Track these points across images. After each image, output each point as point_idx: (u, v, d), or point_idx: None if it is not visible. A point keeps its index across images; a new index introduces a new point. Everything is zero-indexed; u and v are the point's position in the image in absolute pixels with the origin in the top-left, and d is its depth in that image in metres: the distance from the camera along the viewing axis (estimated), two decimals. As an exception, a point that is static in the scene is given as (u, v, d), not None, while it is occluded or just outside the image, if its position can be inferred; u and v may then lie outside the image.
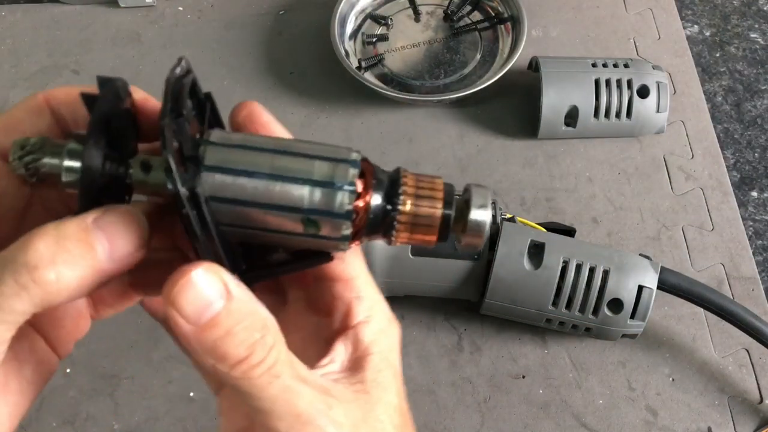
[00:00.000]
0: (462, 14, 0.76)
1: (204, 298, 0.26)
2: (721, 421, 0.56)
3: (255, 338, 0.26)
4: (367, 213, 0.30)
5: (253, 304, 0.27)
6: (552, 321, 0.55)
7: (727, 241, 0.63)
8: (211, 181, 0.29)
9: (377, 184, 0.30)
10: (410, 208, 0.30)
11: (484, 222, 0.30)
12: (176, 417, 0.56)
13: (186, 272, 0.26)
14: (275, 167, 0.29)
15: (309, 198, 0.29)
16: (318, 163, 0.30)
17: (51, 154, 0.29)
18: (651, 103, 0.65)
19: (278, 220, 0.29)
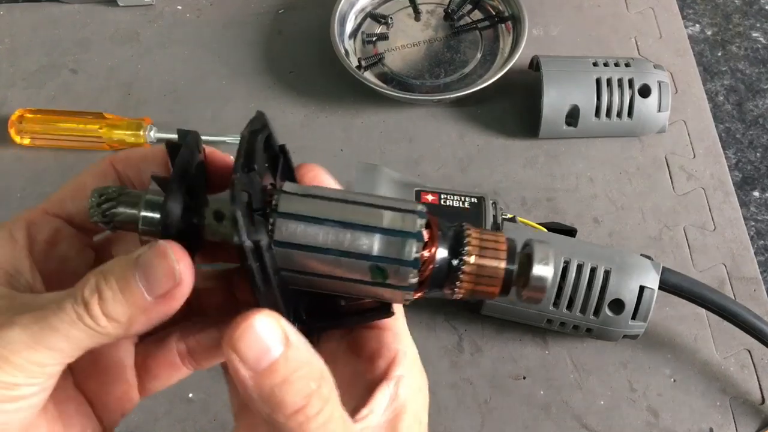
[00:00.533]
0: (462, 13, 0.76)
1: (264, 344, 0.26)
2: (722, 422, 0.55)
3: (311, 388, 0.27)
4: (433, 263, 0.31)
5: (311, 354, 0.28)
6: (553, 322, 0.55)
7: (728, 242, 0.63)
8: (285, 228, 0.30)
9: (442, 236, 0.31)
10: (475, 261, 0.31)
11: (546, 278, 0.31)
12: (175, 418, 0.56)
13: (247, 318, 0.27)
14: (345, 216, 0.30)
15: (378, 246, 0.30)
16: (387, 213, 0.31)
17: (128, 204, 0.30)
18: (652, 102, 0.65)
19: (347, 268, 0.30)
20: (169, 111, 0.71)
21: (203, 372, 0.60)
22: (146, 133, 0.67)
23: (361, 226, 0.30)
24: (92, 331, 0.27)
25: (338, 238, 0.30)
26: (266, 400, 0.27)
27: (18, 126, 0.67)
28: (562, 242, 0.55)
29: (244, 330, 0.26)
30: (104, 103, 0.71)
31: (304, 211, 0.30)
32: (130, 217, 0.30)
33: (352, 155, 0.68)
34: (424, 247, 0.30)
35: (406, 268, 0.30)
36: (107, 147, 0.68)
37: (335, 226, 0.30)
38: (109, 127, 0.67)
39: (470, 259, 0.31)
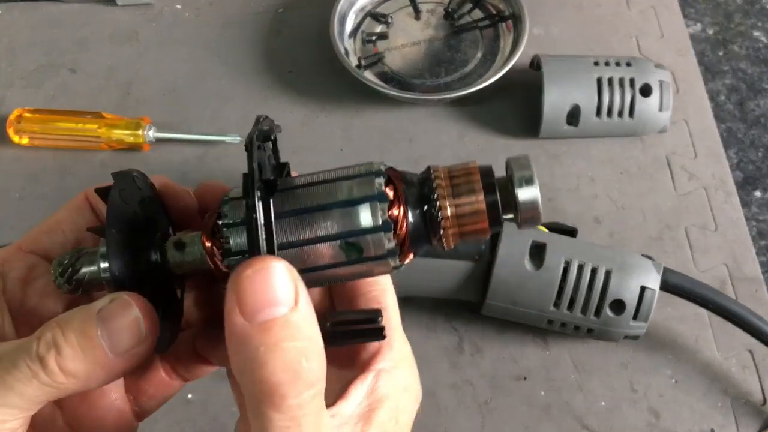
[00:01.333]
0: (463, 12, 0.75)
1: (271, 295, 0.23)
2: (724, 422, 0.55)
3: (302, 367, 0.24)
4: (406, 220, 0.28)
5: (315, 330, 0.25)
6: (554, 322, 0.54)
7: (730, 242, 0.63)
8: (239, 236, 0.27)
9: (409, 189, 0.28)
10: (451, 203, 0.28)
11: (535, 198, 0.28)
12: (174, 419, 0.55)
13: (265, 260, 0.24)
14: (298, 204, 0.28)
15: (340, 222, 0.27)
16: (341, 185, 0.28)
17: (88, 263, 0.29)
18: (653, 102, 0.65)
19: (318, 255, 0.28)
20: (168, 111, 0.71)
21: (202, 373, 0.60)
22: (145, 132, 0.67)
23: (316, 208, 0.28)
24: (48, 387, 0.25)
25: (297, 229, 0.27)
26: (247, 359, 0.24)
27: (16, 126, 0.67)
28: (563, 242, 0.55)
29: (259, 271, 0.23)
30: (103, 103, 0.71)
31: None
32: (94, 275, 0.29)
33: (352, 155, 0.68)
34: (391, 206, 0.28)
35: (377, 234, 0.27)
36: (106, 147, 0.68)
37: (291, 217, 0.28)
38: (107, 127, 0.66)
39: (445, 203, 0.28)
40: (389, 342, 0.30)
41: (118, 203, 0.28)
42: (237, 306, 0.23)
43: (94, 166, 0.68)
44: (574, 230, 0.59)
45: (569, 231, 0.58)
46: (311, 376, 0.24)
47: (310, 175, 0.30)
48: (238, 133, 0.68)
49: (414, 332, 0.59)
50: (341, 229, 0.27)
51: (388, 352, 0.30)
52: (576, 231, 0.59)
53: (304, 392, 0.24)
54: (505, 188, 0.29)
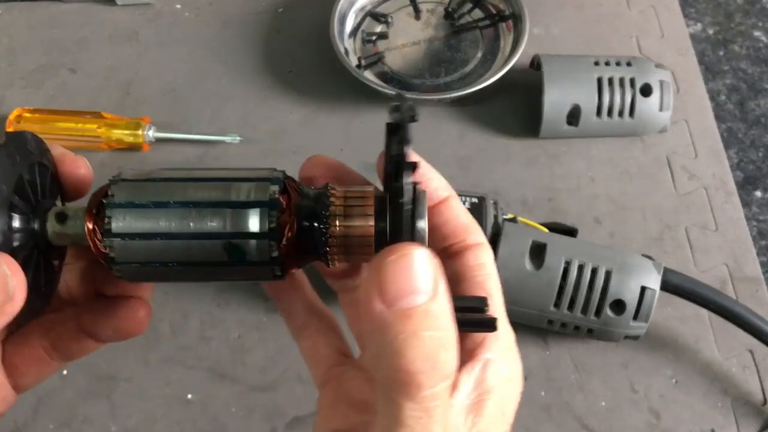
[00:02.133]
0: (463, 12, 0.75)
1: (413, 282, 0.23)
2: (724, 423, 0.55)
3: (439, 357, 0.23)
4: (292, 231, 0.28)
5: (451, 320, 0.24)
6: (554, 322, 0.54)
7: (730, 242, 0.63)
8: (122, 217, 0.28)
9: (302, 201, 0.28)
10: (340, 226, 0.28)
11: (423, 230, 0.27)
12: (174, 419, 0.55)
13: (406, 246, 0.23)
14: (190, 196, 0.28)
15: (229, 222, 0.27)
16: (237, 185, 0.28)
17: None
18: (654, 101, 0.65)
19: (200, 251, 0.28)
20: (168, 110, 0.71)
21: (202, 373, 0.60)
22: (145, 132, 0.67)
23: (207, 203, 0.27)
24: None
25: (182, 220, 0.27)
26: (385, 346, 0.23)
27: (16, 125, 0.67)
28: (563, 242, 0.54)
29: (401, 257, 0.23)
30: (103, 103, 0.71)
31: (140, 197, 0.28)
32: None
33: (352, 155, 0.67)
34: (281, 214, 0.27)
35: (261, 240, 0.27)
36: (106, 147, 0.67)
37: (178, 207, 0.27)
38: (107, 127, 0.66)
39: (335, 222, 0.28)
40: (496, 332, 0.29)
41: (4, 162, 0.28)
42: (377, 292, 0.23)
43: (94, 166, 0.67)
44: (574, 230, 0.59)
45: (569, 231, 0.58)
46: (448, 367, 0.24)
47: (214, 170, 0.30)
48: (238, 133, 0.68)
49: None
50: (229, 229, 0.27)
51: (494, 341, 0.29)
52: (576, 231, 0.59)
53: (440, 384, 0.24)
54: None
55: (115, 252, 0.28)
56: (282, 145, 0.69)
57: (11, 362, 0.32)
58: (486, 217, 0.54)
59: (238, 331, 0.59)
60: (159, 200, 0.28)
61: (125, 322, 0.33)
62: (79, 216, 0.29)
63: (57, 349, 0.33)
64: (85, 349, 0.34)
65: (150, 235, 0.28)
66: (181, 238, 0.28)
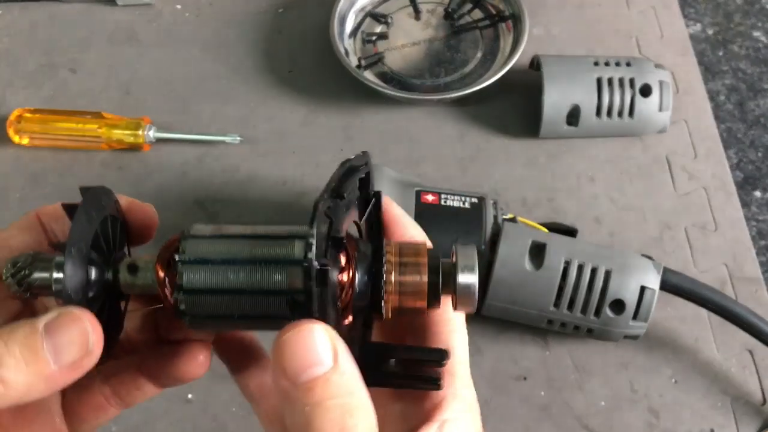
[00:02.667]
0: (463, 12, 0.75)
1: (310, 356, 0.25)
2: (724, 423, 0.55)
3: (346, 423, 0.24)
4: (352, 287, 0.29)
5: (357, 384, 0.25)
6: (553, 322, 0.54)
7: (730, 242, 0.63)
8: (193, 274, 0.29)
9: (360, 257, 0.30)
10: (395, 278, 0.30)
11: (473, 284, 0.29)
12: (174, 419, 0.55)
13: (301, 323, 0.25)
14: (255, 252, 0.29)
15: (291, 279, 0.28)
16: (299, 243, 0.29)
17: (41, 269, 0.29)
18: (653, 102, 0.65)
19: (265, 305, 0.29)
20: (168, 110, 0.71)
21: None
22: (145, 132, 0.67)
23: (273, 261, 0.29)
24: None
25: (250, 277, 0.29)
26: (294, 418, 0.25)
27: (16, 126, 0.67)
28: (563, 242, 0.55)
29: (295, 334, 0.25)
30: (103, 103, 0.71)
31: (210, 254, 0.29)
32: (45, 282, 0.29)
33: (352, 155, 0.68)
34: (341, 272, 0.29)
35: None
36: (106, 147, 0.68)
37: (246, 264, 0.29)
38: (108, 127, 0.67)
39: (391, 278, 0.30)
40: (454, 391, 0.30)
41: (83, 222, 0.29)
42: (280, 368, 0.25)
43: (94, 166, 0.68)
44: (574, 230, 0.59)
45: (569, 231, 0.58)
46: (358, 431, 0.25)
47: (277, 226, 0.31)
48: (238, 133, 0.68)
49: (414, 332, 0.59)
50: (293, 286, 0.29)
51: (452, 401, 0.30)
52: (576, 231, 0.59)
53: (340, 422, 0.25)
54: (447, 272, 0.30)
55: (186, 305, 0.29)
56: (282, 145, 0.69)
57: (72, 409, 0.32)
58: (486, 217, 0.54)
59: (239, 331, 0.59)
60: (228, 257, 0.29)
61: (187, 366, 0.33)
62: (149, 268, 0.30)
63: (117, 395, 0.33)
64: (144, 395, 0.34)
65: (219, 291, 0.29)
66: (249, 293, 0.29)
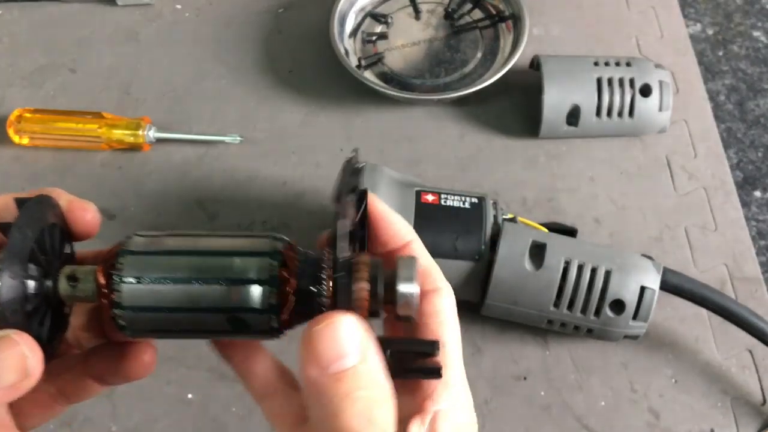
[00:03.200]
0: (463, 12, 0.76)
1: (341, 348, 0.26)
2: (724, 422, 0.55)
3: (373, 414, 0.25)
4: (293, 303, 0.30)
5: (383, 378, 0.26)
6: (553, 322, 0.54)
7: (730, 242, 0.63)
8: (131, 294, 0.29)
9: (301, 270, 0.30)
10: None
11: (412, 294, 0.30)
12: (174, 419, 0.55)
13: (333, 315, 0.26)
14: (193, 270, 0.29)
15: (231, 297, 0.29)
16: (239, 261, 0.30)
17: None
18: (653, 102, 0.65)
19: (204, 322, 0.30)
20: (168, 110, 0.71)
21: (202, 373, 0.60)
22: (145, 132, 0.67)
23: (212, 280, 0.29)
24: None
25: (189, 296, 0.29)
26: (322, 408, 0.26)
27: (17, 126, 0.67)
28: (563, 242, 0.55)
29: (327, 326, 0.26)
30: (103, 103, 0.71)
31: (147, 272, 0.30)
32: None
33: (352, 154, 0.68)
34: (282, 286, 0.29)
35: (265, 315, 0.29)
36: (106, 147, 0.68)
37: (184, 284, 0.29)
38: (108, 127, 0.67)
39: (330, 290, 0.30)
40: (446, 381, 0.30)
41: (16, 239, 0.28)
42: (310, 359, 0.26)
43: (94, 166, 0.68)
44: (574, 230, 0.59)
45: (569, 231, 0.58)
46: (383, 423, 0.26)
47: (217, 237, 0.31)
48: (238, 133, 0.68)
49: (414, 332, 0.59)
50: (231, 305, 0.29)
51: (444, 391, 0.30)
52: (576, 231, 0.59)
53: (367, 409, 0.25)
54: (388, 282, 0.30)
55: (125, 321, 0.30)
56: (282, 145, 0.69)
57: (17, 405, 0.32)
58: (485, 217, 0.54)
59: (239, 330, 0.59)
60: (165, 276, 0.30)
61: (132, 367, 0.34)
62: (89, 279, 0.30)
63: (63, 393, 0.34)
64: (90, 393, 0.34)
65: (157, 309, 0.30)
66: (187, 311, 0.30)
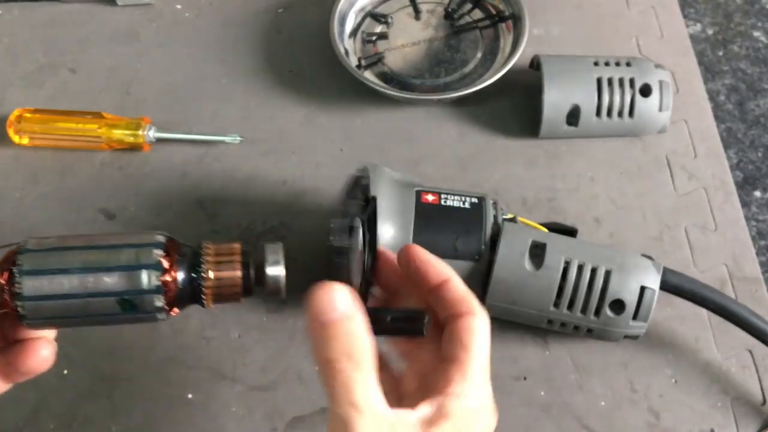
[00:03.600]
0: (463, 12, 0.76)
1: (331, 305, 0.34)
2: (724, 422, 0.55)
3: (352, 350, 0.33)
4: (176, 285, 0.36)
5: (362, 328, 0.34)
6: (553, 322, 0.55)
7: (730, 242, 0.63)
8: (32, 284, 0.35)
9: (182, 259, 0.36)
10: (213, 275, 0.37)
11: (279, 276, 0.37)
12: (174, 419, 0.55)
13: (329, 283, 0.34)
14: (87, 262, 0.35)
15: (120, 282, 0.35)
16: (127, 251, 0.36)
17: None
18: (653, 102, 0.65)
19: (97, 306, 0.35)
20: (168, 110, 0.71)
21: (202, 373, 0.60)
22: (145, 132, 0.67)
23: (103, 268, 0.35)
24: None
25: (82, 283, 0.35)
26: (315, 347, 0.34)
27: (17, 126, 0.67)
28: (563, 242, 0.55)
29: (321, 288, 0.34)
30: (103, 103, 0.71)
31: (46, 265, 0.35)
32: None
33: (352, 155, 0.68)
34: (165, 273, 0.35)
35: (150, 296, 0.35)
36: (106, 147, 0.68)
37: (78, 273, 0.35)
38: (108, 127, 0.67)
39: (209, 274, 0.36)
40: (464, 372, 0.36)
41: None
42: (309, 313, 0.34)
43: (95, 166, 0.68)
44: (574, 230, 0.59)
45: (569, 231, 0.58)
46: (357, 357, 0.33)
47: (108, 235, 0.38)
48: (238, 133, 0.68)
49: (414, 332, 0.59)
50: (121, 288, 0.35)
51: (462, 380, 0.36)
52: (576, 231, 0.59)
53: (351, 366, 0.33)
54: (258, 266, 0.37)
55: (26, 311, 0.35)
56: (282, 145, 0.69)
57: None
58: (485, 217, 0.54)
59: (238, 331, 0.59)
60: (61, 267, 0.35)
61: (32, 362, 0.39)
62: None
63: None
64: (12, 381, 0.40)
65: (55, 296, 0.35)
66: (82, 297, 0.35)
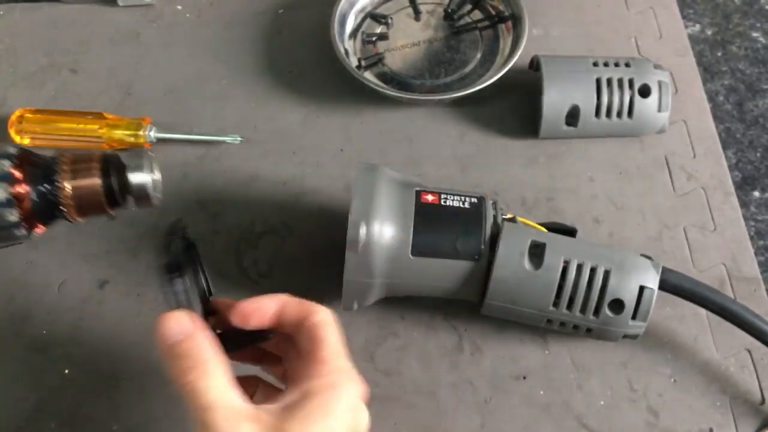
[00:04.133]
0: (462, 13, 0.76)
1: (172, 331, 0.40)
2: (723, 422, 0.55)
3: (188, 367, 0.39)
4: (28, 198, 0.35)
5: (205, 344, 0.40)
6: (553, 322, 0.55)
7: (729, 242, 0.63)
8: None
9: (35, 170, 0.35)
10: (70, 184, 0.35)
11: (144, 183, 0.36)
12: (175, 418, 0.55)
13: (173, 312, 0.41)
14: None
15: None
16: None
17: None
18: (652, 102, 0.65)
19: None
20: (169, 111, 0.71)
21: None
22: (146, 133, 0.67)
23: None
24: None
25: None
26: (165, 365, 0.40)
27: (18, 126, 0.67)
28: (562, 242, 0.55)
29: (166, 315, 0.40)
30: (104, 103, 0.71)
31: None
32: None
33: (352, 155, 0.68)
34: (16, 184, 0.34)
35: (1, 209, 0.34)
36: (107, 147, 0.68)
37: None
38: (109, 127, 0.67)
39: (66, 184, 0.35)
40: (320, 371, 0.40)
41: None
42: (158, 338, 0.40)
43: (95, 166, 0.68)
44: (574, 230, 0.59)
45: (569, 231, 0.58)
46: (202, 367, 0.39)
47: None
48: (239, 134, 0.68)
49: (413, 331, 0.59)
50: None
51: (317, 378, 0.40)
52: (575, 231, 0.59)
53: (196, 376, 0.38)
54: (120, 173, 0.36)
55: None
56: (283, 145, 0.69)
57: None
58: (485, 217, 0.55)
59: (239, 330, 0.59)
60: None
61: None
62: None
63: None
64: None
65: None
66: None
